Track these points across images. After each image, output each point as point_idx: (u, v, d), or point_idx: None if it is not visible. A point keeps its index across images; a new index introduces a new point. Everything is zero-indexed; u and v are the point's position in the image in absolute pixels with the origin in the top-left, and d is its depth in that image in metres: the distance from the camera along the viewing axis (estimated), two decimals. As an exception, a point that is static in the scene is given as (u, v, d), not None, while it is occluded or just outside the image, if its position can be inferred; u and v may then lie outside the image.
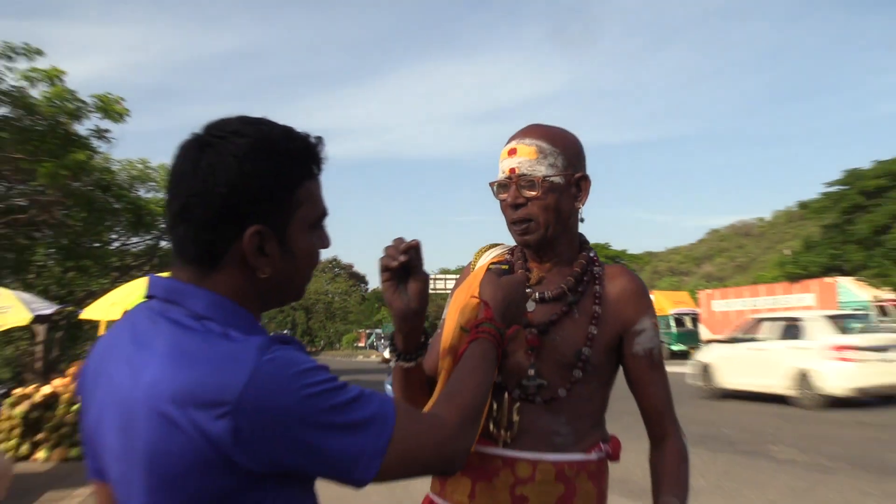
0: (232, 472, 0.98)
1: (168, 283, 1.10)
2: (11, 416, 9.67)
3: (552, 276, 1.69)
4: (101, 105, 15.25)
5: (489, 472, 1.60)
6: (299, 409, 0.99)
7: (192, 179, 1.06)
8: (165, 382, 0.98)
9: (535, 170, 1.60)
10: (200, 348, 1.01)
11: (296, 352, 1.04)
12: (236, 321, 1.07)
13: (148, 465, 1.00)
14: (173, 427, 0.97)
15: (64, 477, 8.32)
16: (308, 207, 1.13)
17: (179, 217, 1.07)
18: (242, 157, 1.05)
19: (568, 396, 1.62)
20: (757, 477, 7.40)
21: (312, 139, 1.14)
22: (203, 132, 1.10)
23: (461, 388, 1.22)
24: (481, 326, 1.38)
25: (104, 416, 1.08)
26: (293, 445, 0.99)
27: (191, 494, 0.99)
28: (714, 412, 12.88)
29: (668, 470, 1.66)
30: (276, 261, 1.10)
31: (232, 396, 0.96)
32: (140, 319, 1.10)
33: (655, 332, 1.69)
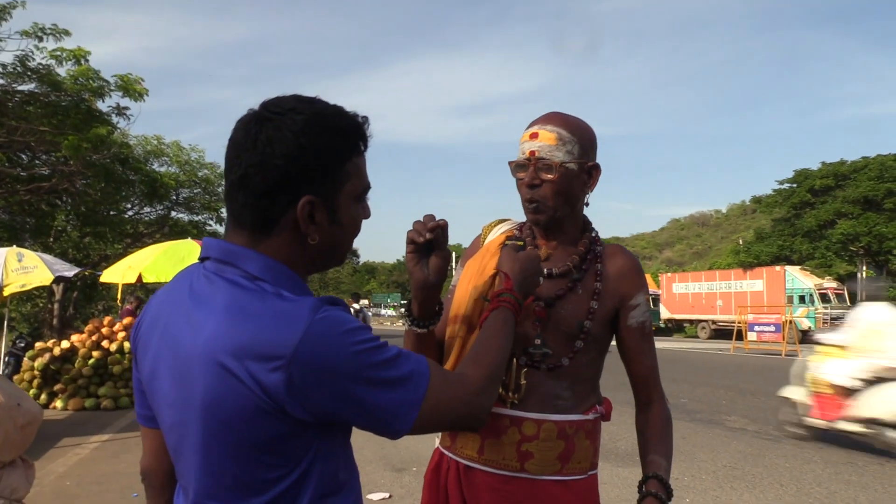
0: (282, 420, 1.00)
1: (224, 246, 1.09)
2: (32, 368, 9.61)
3: (558, 253, 1.69)
4: (123, 84, 14.98)
5: (498, 429, 1.61)
6: (347, 365, 0.99)
7: (251, 151, 1.05)
8: (224, 336, 0.99)
9: (553, 155, 1.59)
10: (257, 306, 1.01)
11: (343, 312, 1.04)
12: (287, 283, 1.07)
13: (205, 412, 1.01)
14: (231, 377, 0.98)
15: (80, 424, 8.29)
16: (355, 180, 1.13)
17: (238, 185, 1.07)
18: (299, 131, 1.05)
19: (570, 364, 1.63)
20: (711, 443, 7.46)
21: (360, 118, 1.14)
22: (261, 109, 1.09)
23: (485, 350, 1.22)
24: (502, 296, 1.37)
25: (159, 366, 1.08)
26: (339, 397, 1.00)
27: (243, 439, 1.00)
28: (674, 385, 13.00)
29: (654, 432, 1.68)
30: (324, 228, 1.10)
31: (286, 351, 0.96)
32: (197, 278, 1.09)
33: (648, 307, 1.71)
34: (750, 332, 23.76)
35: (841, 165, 34.37)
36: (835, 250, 32.02)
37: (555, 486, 1.60)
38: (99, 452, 6.82)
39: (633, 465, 6.02)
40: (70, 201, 18.99)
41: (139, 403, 1.21)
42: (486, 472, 1.62)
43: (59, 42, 14.13)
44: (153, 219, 25.56)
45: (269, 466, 1.02)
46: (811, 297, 29.19)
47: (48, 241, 19.61)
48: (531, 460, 1.59)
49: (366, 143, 1.15)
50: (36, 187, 16.32)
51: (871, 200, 31.58)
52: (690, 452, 6.87)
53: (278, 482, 1.02)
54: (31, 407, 2.64)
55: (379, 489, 5.47)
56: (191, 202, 25.77)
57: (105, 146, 15.41)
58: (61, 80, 14.47)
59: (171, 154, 24.26)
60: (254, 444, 1.00)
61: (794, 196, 35.64)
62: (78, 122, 14.30)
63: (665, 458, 1.63)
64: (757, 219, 57.33)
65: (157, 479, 1.25)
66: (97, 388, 9.67)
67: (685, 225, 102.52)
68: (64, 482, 5.64)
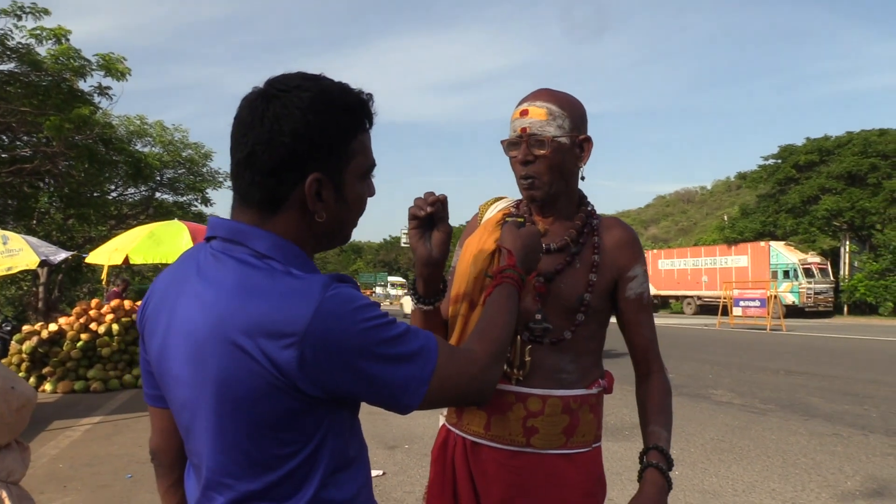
0: (294, 397, 1.00)
1: (232, 225, 1.09)
2: (20, 351, 9.55)
3: (555, 228, 1.70)
4: (104, 64, 14.76)
5: (503, 406, 1.63)
6: (358, 341, 0.99)
7: (258, 129, 1.05)
8: (236, 315, 0.99)
9: (544, 130, 1.59)
10: (267, 284, 1.01)
11: (353, 289, 1.04)
12: (296, 261, 1.07)
13: (218, 390, 1.01)
14: (243, 355, 0.98)
15: (69, 407, 8.26)
16: (361, 158, 1.13)
17: (245, 163, 1.07)
18: (306, 108, 1.05)
19: (572, 338, 1.65)
20: (699, 416, 7.56)
21: (365, 95, 1.13)
22: (267, 86, 1.08)
23: (491, 326, 1.22)
24: (505, 272, 1.37)
25: (169, 346, 1.08)
26: (351, 374, 1.00)
27: (255, 416, 1.01)
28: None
29: (653, 402, 1.69)
30: (331, 206, 1.10)
31: (299, 328, 0.96)
32: (204, 257, 1.09)
33: (645, 278, 1.72)
34: (735, 308, 24.00)
35: (825, 141, 34.52)
36: (818, 225, 32.28)
37: (560, 460, 1.63)
38: (90, 434, 6.81)
39: (626, 439, 6.11)
40: (53, 183, 18.76)
41: (147, 384, 1.21)
42: (493, 447, 1.64)
43: (39, 21, 13.92)
44: (138, 200, 25.34)
45: (281, 443, 1.02)
46: (795, 272, 29.50)
47: (31, 223, 19.39)
48: (537, 435, 1.61)
49: (371, 120, 1.14)
50: (18, 169, 16.10)
51: (854, 175, 31.82)
52: (678, 426, 6.95)
53: (290, 458, 1.03)
54: (24, 390, 2.62)
55: (373, 467, 5.49)
56: (175, 182, 25.55)
57: (87, 126, 15.21)
58: (41, 59, 14.25)
59: (154, 134, 24.01)
60: (266, 421, 1.01)
61: (779, 172, 35.80)
62: (59, 103, 14.11)
63: (665, 428, 1.64)
64: (742, 195, 57.61)
65: (167, 458, 1.26)
66: (86, 371, 9.63)
67: (671, 202, 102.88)
68: (57, 465, 5.63)
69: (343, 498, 1.08)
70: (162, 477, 1.28)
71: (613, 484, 1.84)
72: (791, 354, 14.03)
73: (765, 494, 4.84)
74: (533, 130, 1.59)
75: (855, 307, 31.00)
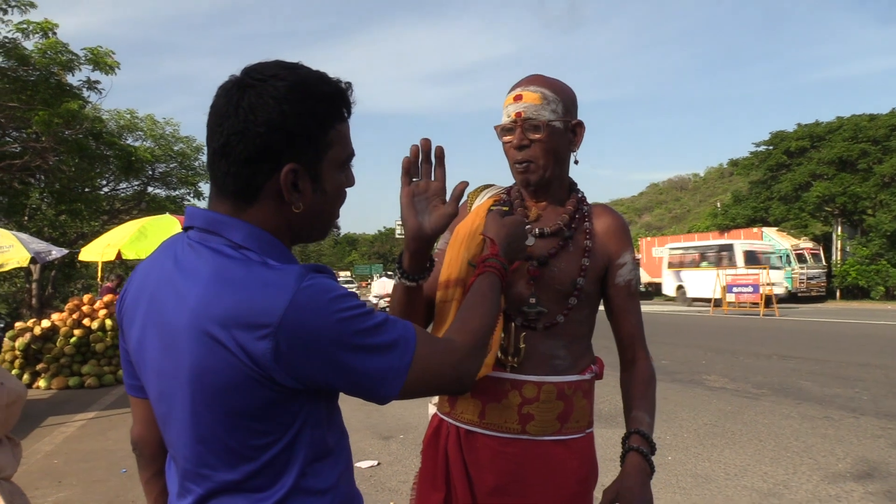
0: (270, 388, 1.00)
1: (208, 215, 1.08)
2: (13, 348, 9.52)
3: (548, 213, 1.71)
4: (93, 58, 14.69)
5: (499, 393, 1.63)
6: (333, 332, 0.99)
7: (233, 119, 1.04)
8: (211, 305, 0.98)
9: (539, 114, 1.60)
10: (242, 275, 1.00)
11: (329, 279, 1.03)
12: (272, 252, 1.06)
13: (193, 382, 1.01)
14: (218, 346, 0.98)
15: (63, 403, 8.26)
16: (338, 148, 1.12)
17: (220, 153, 1.06)
18: (281, 98, 1.03)
19: (565, 322, 1.65)
20: (692, 402, 7.60)
21: (343, 84, 1.12)
22: (243, 75, 1.07)
23: (472, 315, 1.22)
24: (488, 261, 1.37)
25: (146, 336, 1.08)
26: (327, 364, 1.00)
27: (231, 406, 1.01)
28: (654, 346, 13.16)
29: (638, 389, 1.70)
30: (308, 197, 1.09)
31: (273, 319, 0.96)
32: (182, 248, 1.08)
33: (634, 265, 1.74)
34: (728, 294, 24.07)
35: (816, 127, 34.50)
36: (810, 211, 32.35)
37: (555, 446, 1.64)
38: (85, 430, 6.81)
39: (620, 426, 6.13)
40: (44, 178, 18.68)
41: (127, 374, 1.21)
42: (488, 435, 1.64)
43: (25, 14, 13.86)
44: (130, 195, 25.21)
45: (258, 433, 1.02)
46: (788, 257, 29.58)
47: (23, 219, 19.30)
48: (532, 422, 1.62)
49: (349, 109, 1.13)
50: (7, 165, 16.01)
51: (845, 161, 31.85)
52: (672, 412, 7.00)
53: (268, 448, 1.03)
54: (14, 386, 2.62)
55: (367, 457, 5.52)
56: (167, 177, 25.42)
57: (77, 121, 15.15)
58: (28, 53, 14.15)
59: (145, 128, 23.86)
60: (242, 411, 1.00)
61: (771, 158, 35.80)
62: (48, 97, 14.04)
63: (648, 413, 1.65)
64: (735, 182, 57.63)
65: (149, 449, 1.26)
66: (80, 367, 9.62)
67: (664, 189, 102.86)
68: (51, 460, 5.64)
69: (322, 487, 1.08)
70: (144, 468, 1.28)
71: (607, 469, 1.85)
72: (784, 339, 14.11)
73: (757, 478, 4.88)
74: (528, 114, 1.60)
75: (847, 292, 31.12)
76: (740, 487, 4.68)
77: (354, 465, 5.29)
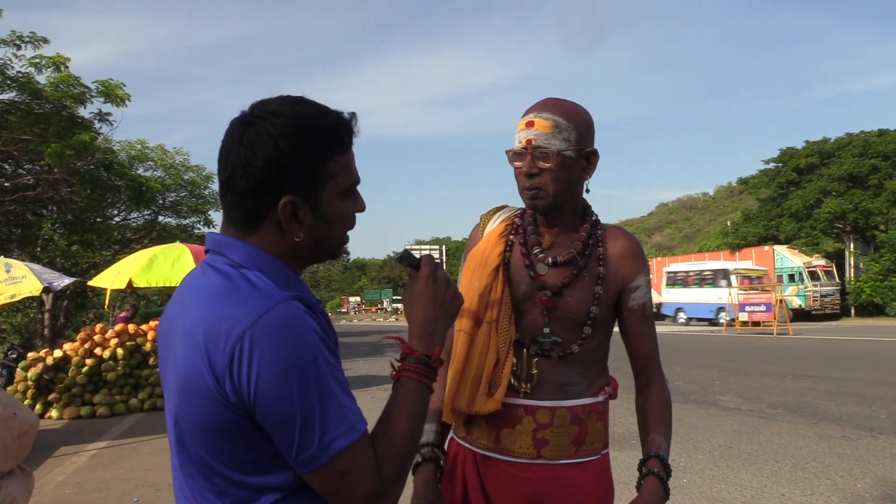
0: (225, 405, 1.01)
1: (217, 237, 1.15)
2: (26, 378, 9.56)
3: (561, 240, 1.69)
4: (104, 90, 14.94)
5: (513, 419, 1.63)
6: (289, 358, 0.99)
7: (235, 154, 1.10)
8: (202, 318, 1.04)
9: (550, 143, 1.58)
10: (231, 290, 1.05)
11: (310, 315, 1.05)
12: (270, 270, 1.10)
13: (177, 390, 1.06)
14: (198, 357, 1.02)
15: (76, 433, 8.25)
16: (341, 178, 1.15)
17: (227, 186, 1.12)
18: (277, 135, 1.08)
19: (580, 351, 1.65)
20: (706, 423, 7.52)
21: (346, 115, 1.16)
22: (247, 112, 1.13)
23: (395, 440, 1.11)
24: (403, 363, 1.20)
25: (167, 358, 1.13)
26: (270, 391, 0.98)
27: (201, 420, 1.03)
28: (668, 367, 13.05)
29: (654, 412, 1.69)
30: (308, 225, 1.12)
31: (238, 332, 0.99)
32: (196, 271, 1.15)
33: (649, 288, 1.72)
34: (741, 313, 23.90)
35: (825, 143, 34.45)
36: (821, 228, 32.18)
37: (571, 469, 1.63)
38: (97, 459, 6.80)
39: (634, 448, 6.07)
40: (56, 210, 18.85)
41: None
42: (504, 460, 1.64)
43: (38, 49, 14.10)
44: (141, 224, 25.43)
45: (232, 455, 1.03)
46: (801, 275, 29.39)
47: (35, 250, 19.48)
48: (547, 447, 1.62)
49: (351, 139, 1.16)
50: (21, 197, 16.20)
51: (855, 177, 31.74)
52: (686, 433, 6.93)
53: (245, 473, 1.04)
54: (27, 416, 2.63)
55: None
56: (178, 206, 25.64)
57: (88, 152, 15.33)
58: (41, 87, 14.39)
59: (155, 158, 24.12)
60: (210, 427, 1.03)
61: (780, 175, 35.72)
62: (60, 130, 14.23)
63: (665, 437, 1.64)
64: (744, 200, 57.47)
65: None
66: (92, 396, 9.62)
67: (673, 209, 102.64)
68: (63, 490, 5.62)
69: None
70: None
71: (620, 493, 1.84)
72: (798, 358, 13.97)
73: (774, 500, 4.81)
74: (538, 143, 1.58)
75: (862, 309, 30.84)
76: (758, 509, 4.61)
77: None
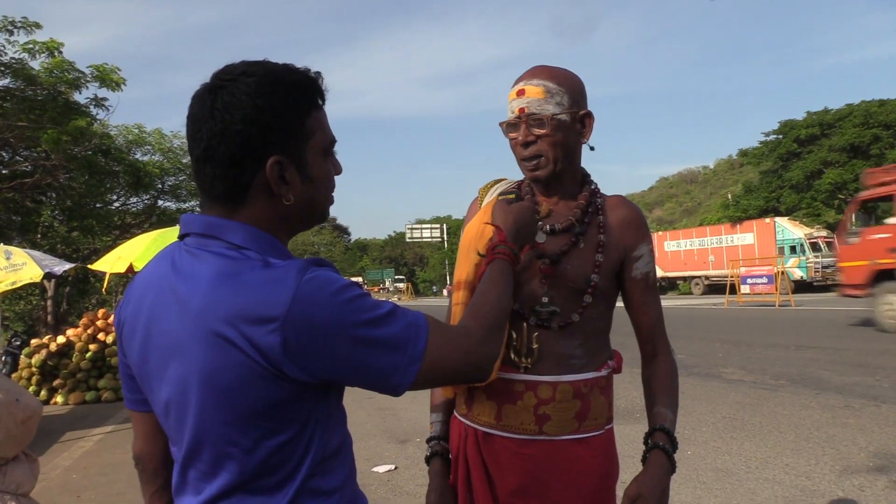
0: (281, 384, 1.00)
1: (205, 220, 1.09)
2: (30, 365, 9.60)
3: (559, 208, 1.66)
4: (99, 75, 14.78)
5: (513, 395, 1.60)
6: (339, 322, 0.99)
7: (210, 122, 1.05)
8: (216, 306, 0.99)
9: (543, 108, 1.56)
10: (245, 273, 1.01)
11: (330, 272, 1.04)
12: (272, 251, 1.07)
13: (203, 385, 1.01)
14: (228, 345, 0.98)
15: (81, 418, 8.31)
16: (319, 135, 1.12)
17: (204, 159, 1.07)
18: (253, 93, 1.04)
19: (580, 320, 1.62)
20: (710, 395, 7.55)
21: (313, 73, 1.13)
22: (213, 79, 1.09)
23: (484, 301, 1.21)
24: (497, 248, 1.35)
25: (150, 348, 1.08)
26: (336, 356, 1.00)
27: (242, 405, 1.00)
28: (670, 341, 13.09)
29: (659, 384, 1.67)
30: (297, 187, 1.10)
31: (279, 312, 0.96)
32: (179, 255, 1.09)
33: (651, 258, 1.69)
34: (743, 285, 23.95)
35: (825, 114, 34.29)
36: (822, 199, 32.12)
37: (574, 445, 1.61)
38: (103, 444, 6.84)
39: (638, 422, 6.09)
40: (55, 196, 18.82)
41: (127, 388, 1.21)
42: (505, 437, 1.62)
43: (31, 35, 13.92)
44: (140, 209, 25.35)
45: (268, 432, 1.02)
46: (802, 246, 29.40)
47: (36, 237, 19.46)
48: (549, 422, 1.59)
49: (322, 96, 1.14)
50: (19, 184, 16.14)
51: (857, 147, 31.64)
52: (689, 406, 6.94)
53: (278, 449, 1.03)
54: (30, 402, 2.63)
55: (384, 461, 5.51)
56: (177, 190, 25.54)
57: (85, 138, 15.24)
58: (36, 73, 14.26)
59: (153, 142, 23.98)
60: (252, 410, 1.01)
61: (781, 147, 35.61)
62: (56, 115, 14.14)
63: (671, 410, 1.63)
64: (745, 172, 57.35)
65: (151, 464, 1.25)
66: (96, 381, 9.68)
67: (674, 183, 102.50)
68: (70, 475, 5.67)
69: (330, 487, 1.08)
70: (147, 482, 1.27)
71: (626, 467, 1.83)
72: (801, 329, 13.99)
73: (778, 469, 4.83)
74: (531, 110, 1.56)
75: (863, 279, 30.86)
76: (762, 480, 4.64)
77: (372, 471, 5.29)
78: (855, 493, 4.29)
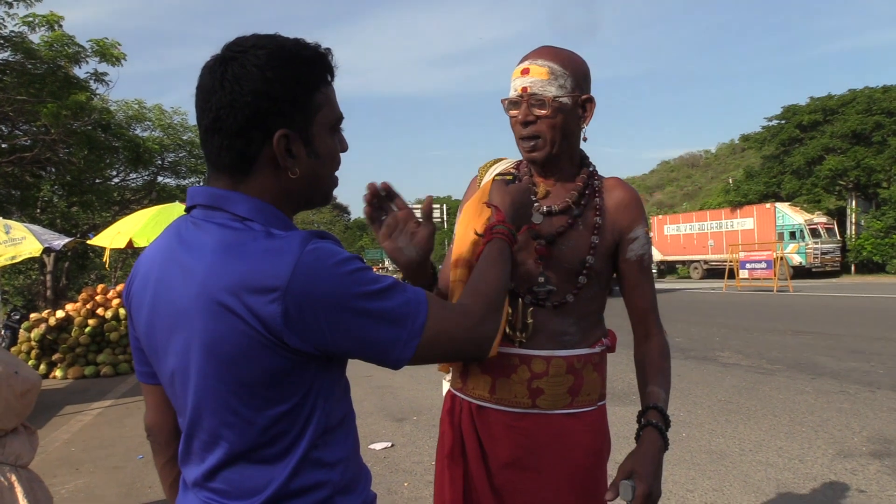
0: (282, 354, 1.00)
1: (211, 191, 1.09)
2: (29, 339, 9.63)
3: (557, 190, 1.68)
4: (99, 49, 14.67)
5: (507, 369, 1.63)
6: (340, 294, 1.00)
7: (220, 93, 1.05)
8: (218, 275, 1.00)
9: (545, 90, 1.56)
10: (248, 244, 1.01)
11: (333, 244, 1.04)
12: (276, 223, 1.07)
13: (205, 354, 1.02)
14: (229, 314, 0.99)
15: (81, 392, 8.35)
16: (326, 110, 1.12)
17: (212, 129, 1.07)
18: (263, 66, 1.05)
19: (575, 300, 1.64)
20: (706, 378, 7.58)
21: (323, 49, 1.13)
22: (224, 50, 1.08)
23: (483, 280, 1.22)
24: (495, 228, 1.36)
25: (156, 319, 1.09)
26: (336, 327, 1.00)
27: (245, 374, 1.01)
28: (668, 324, 13.14)
29: (653, 364, 1.69)
30: (303, 161, 1.10)
31: (280, 283, 0.97)
32: (185, 227, 1.10)
33: (647, 240, 1.71)
34: (741, 270, 23.97)
35: (829, 100, 34.11)
36: (823, 185, 32.06)
37: (566, 419, 1.64)
38: (102, 418, 6.88)
39: (634, 403, 6.13)
40: (54, 171, 18.75)
41: (138, 361, 1.22)
42: (499, 410, 1.65)
43: (31, 8, 13.79)
44: (140, 185, 25.28)
45: (270, 402, 1.03)
46: (802, 232, 29.40)
47: (35, 212, 19.42)
48: (542, 396, 1.62)
49: (332, 72, 1.14)
50: (18, 158, 16.07)
51: (859, 134, 31.50)
52: (686, 389, 6.99)
53: (280, 418, 1.04)
54: (29, 374, 2.65)
55: (381, 439, 5.55)
56: (177, 166, 25.46)
57: (85, 113, 15.15)
58: (35, 47, 14.15)
59: (153, 118, 23.86)
60: (255, 379, 1.01)
61: (783, 132, 35.45)
62: (55, 90, 14.03)
63: (664, 388, 1.64)
64: (746, 157, 57.15)
65: (162, 435, 1.27)
66: (95, 356, 9.72)
67: (675, 167, 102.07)
68: (69, 448, 5.71)
69: (333, 459, 1.09)
70: (159, 453, 1.29)
71: (620, 447, 1.86)
72: (798, 315, 14.04)
73: (772, 452, 4.87)
74: (534, 90, 1.57)
75: (862, 266, 30.90)
76: (755, 463, 4.67)
77: (369, 448, 5.31)
78: (847, 477, 4.32)
